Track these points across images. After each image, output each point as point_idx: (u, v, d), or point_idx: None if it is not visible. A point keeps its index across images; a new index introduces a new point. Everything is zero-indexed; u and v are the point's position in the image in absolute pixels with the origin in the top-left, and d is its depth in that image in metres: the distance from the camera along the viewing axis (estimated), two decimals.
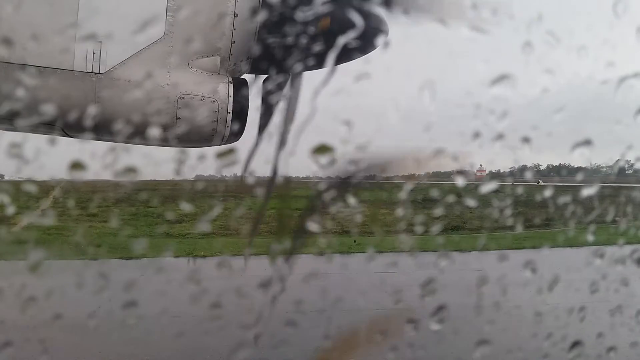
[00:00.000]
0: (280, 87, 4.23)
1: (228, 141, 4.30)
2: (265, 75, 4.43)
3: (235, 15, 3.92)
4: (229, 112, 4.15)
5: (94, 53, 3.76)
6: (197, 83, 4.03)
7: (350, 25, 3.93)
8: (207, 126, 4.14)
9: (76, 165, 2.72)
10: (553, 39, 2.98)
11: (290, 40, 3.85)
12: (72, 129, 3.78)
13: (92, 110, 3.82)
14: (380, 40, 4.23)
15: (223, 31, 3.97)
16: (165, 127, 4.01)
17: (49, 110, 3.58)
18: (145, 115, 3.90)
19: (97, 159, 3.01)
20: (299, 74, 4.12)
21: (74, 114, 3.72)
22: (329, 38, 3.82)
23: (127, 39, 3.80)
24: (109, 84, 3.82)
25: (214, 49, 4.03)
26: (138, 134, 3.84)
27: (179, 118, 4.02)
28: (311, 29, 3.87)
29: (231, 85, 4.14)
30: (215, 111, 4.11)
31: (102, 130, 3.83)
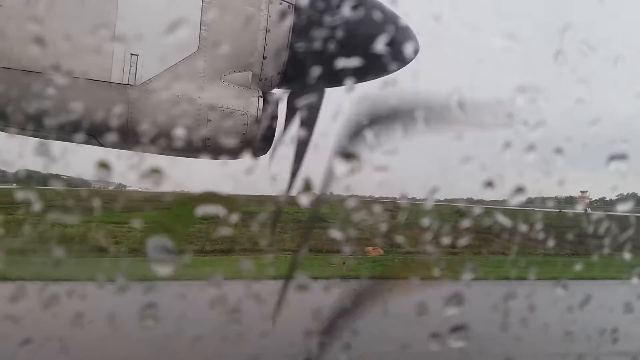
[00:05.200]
0: (310, 101, 4.26)
1: (257, 154, 4.32)
2: (297, 90, 4.48)
3: (268, 31, 4.01)
4: (258, 126, 4.19)
5: (130, 65, 3.86)
6: (228, 97, 4.10)
7: (384, 43, 3.97)
8: (236, 139, 4.17)
9: (104, 165, 2.75)
10: (588, 48, 2.94)
11: (321, 56, 3.90)
12: (106, 139, 3.85)
13: (126, 120, 3.90)
14: (411, 57, 4.26)
15: (255, 46, 4.06)
16: (196, 140, 4.06)
17: (85, 120, 3.67)
18: (177, 128, 3.96)
19: (135, 170, 3.05)
20: (330, 89, 4.16)
21: (109, 125, 3.80)
22: (361, 55, 3.86)
23: (163, 53, 3.91)
24: (144, 95, 3.90)
25: (246, 63, 4.11)
26: (169, 145, 3.89)
27: (210, 130, 4.07)
28: (341, 46, 3.91)
29: (261, 100, 4.19)
30: (245, 124, 4.15)
31: (135, 140, 3.90)
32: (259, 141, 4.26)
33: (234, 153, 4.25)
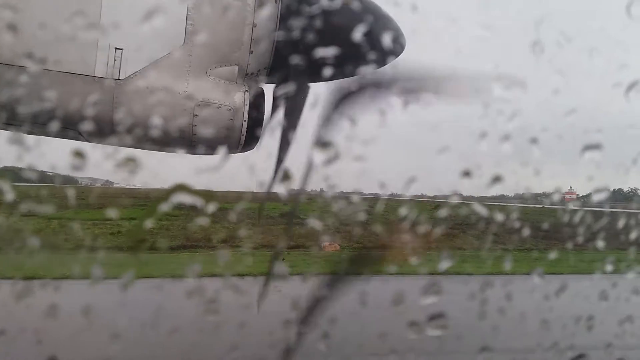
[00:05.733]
0: (296, 96, 4.29)
1: (244, 149, 4.32)
2: (283, 85, 4.50)
3: (254, 26, 4.02)
4: (245, 121, 4.20)
5: (114, 60, 3.82)
6: (214, 91, 4.09)
7: (370, 38, 4.02)
8: (223, 134, 4.17)
9: (77, 156, 2.71)
10: (564, 39, 3.06)
11: (308, 51, 3.92)
12: (91, 134, 3.80)
13: (111, 115, 3.85)
14: (398, 54, 4.34)
15: (241, 41, 4.06)
16: (182, 134, 4.04)
17: (69, 114, 3.62)
18: (162, 122, 3.93)
19: (118, 165, 3.03)
20: (316, 84, 4.19)
21: (93, 119, 3.75)
22: (348, 50, 3.91)
23: (148, 47, 3.88)
24: (129, 90, 3.87)
25: (232, 58, 4.11)
26: (155, 140, 3.87)
27: (196, 125, 4.06)
28: (328, 40, 3.95)
29: (248, 94, 4.20)
30: (231, 119, 4.15)
31: (119, 135, 3.85)
32: (246, 136, 4.26)
33: (220, 148, 4.24)
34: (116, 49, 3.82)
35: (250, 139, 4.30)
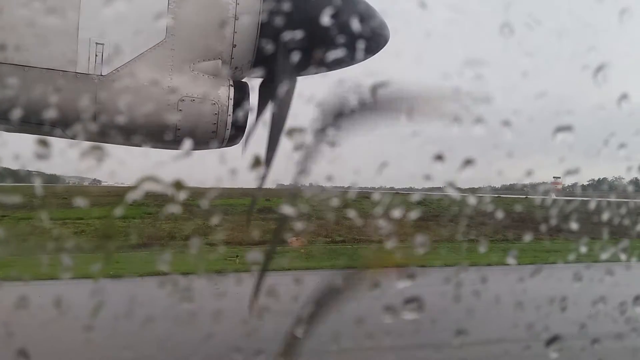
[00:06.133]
0: (279, 90, 4.33)
1: (228, 144, 4.32)
2: (267, 78, 4.52)
3: (236, 19, 4.04)
4: (229, 115, 4.20)
5: (96, 55, 3.77)
6: (198, 86, 4.08)
7: (353, 31, 4.10)
8: (207, 128, 4.16)
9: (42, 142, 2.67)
10: (533, 20, 3.18)
11: (292, 43, 3.97)
12: (73, 130, 3.72)
13: (93, 112, 3.79)
14: (382, 46, 4.43)
15: (224, 35, 4.08)
16: (166, 130, 4.01)
17: (50, 111, 3.54)
18: (146, 118, 3.90)
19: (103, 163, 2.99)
20: (299, 77, 4.24)
21: (75, 116, 3.69)
22: (332, 42, 3.98)
23: (129, 42, 3.85)
24: (111, 86, 3.82)
25: (215, 52, 4.11)
26: (138, 136, 3.83)
27: (180, 120, 4.04)
28: (312, 33, 4.01)
29: (232, 88, 4.21)
30: (216, 114, 4.15)
31: (102, 131, 3.79)
32: (230, 130, 4.26)
33: (205, 143, 4.23)
34: (97, 44, 3.77)
35: (235, 134, 4.30)
